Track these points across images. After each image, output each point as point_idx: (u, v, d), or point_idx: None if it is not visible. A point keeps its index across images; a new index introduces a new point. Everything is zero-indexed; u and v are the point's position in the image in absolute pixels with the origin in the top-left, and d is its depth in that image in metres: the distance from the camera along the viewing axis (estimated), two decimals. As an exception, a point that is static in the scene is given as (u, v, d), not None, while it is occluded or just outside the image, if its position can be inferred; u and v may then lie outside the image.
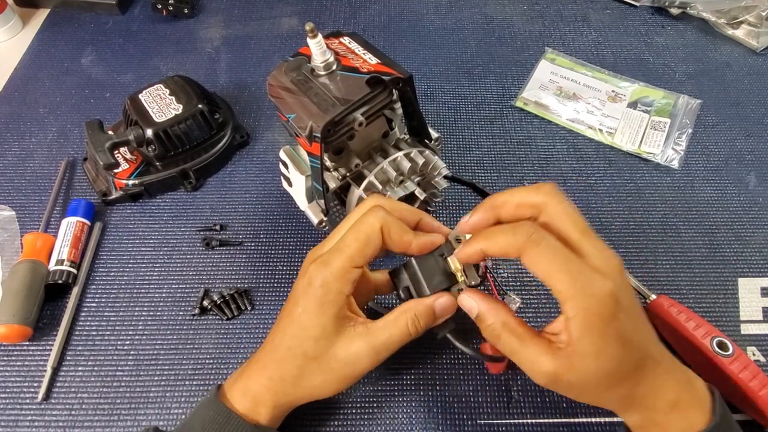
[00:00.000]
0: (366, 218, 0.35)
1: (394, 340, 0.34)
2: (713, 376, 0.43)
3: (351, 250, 0.34)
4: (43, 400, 0.45)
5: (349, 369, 0.35)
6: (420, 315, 0.35)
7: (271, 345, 0.37)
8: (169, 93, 0.56)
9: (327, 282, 0.34)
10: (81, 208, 0.53)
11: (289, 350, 0.35)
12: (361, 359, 0.34)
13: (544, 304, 0.49)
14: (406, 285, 0.37)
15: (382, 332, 0.34)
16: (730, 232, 0.53)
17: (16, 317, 0.46)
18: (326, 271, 0.34)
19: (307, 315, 0.34)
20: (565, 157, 0.59)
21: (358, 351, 0.34)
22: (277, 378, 0.36)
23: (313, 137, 0.39)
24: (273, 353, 0.36)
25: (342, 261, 0.34)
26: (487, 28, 0.72)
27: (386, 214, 0.35)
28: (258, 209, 0.56)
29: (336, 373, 0.35)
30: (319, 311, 0.34)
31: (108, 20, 0.74)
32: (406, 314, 0.35)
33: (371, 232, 0.34)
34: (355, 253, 0.34)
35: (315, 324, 0.34)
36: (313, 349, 0.34)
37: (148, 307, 0.49)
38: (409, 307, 0.35)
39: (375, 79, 0.39)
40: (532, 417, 0.43)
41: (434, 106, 0.63)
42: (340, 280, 0.34)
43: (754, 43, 0.67)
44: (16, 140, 0.62)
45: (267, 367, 0.36)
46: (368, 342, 0.34)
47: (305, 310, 0.34)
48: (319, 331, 0.34)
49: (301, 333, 0.34)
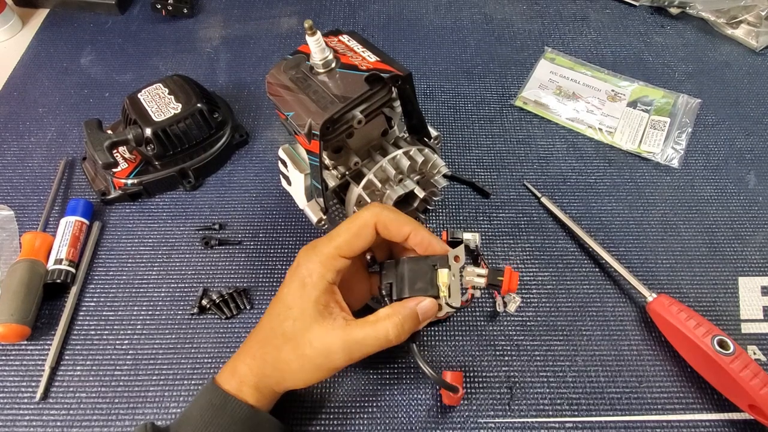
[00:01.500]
0: (361, 213, 0.36)
1: (369, 343, 0.34)
2: (714, 374, 0.42)
3: (340, 240, 0.35)
4: (41, 399, 0.44)
5: (321, 360, 0.34)
6: (405, 319, 0.34)
7: (258, 326, 0.38)
8: (168, 92, 0.55)
9: (311, 265, 0.35)
10: (80, 207, 0.53)
11: (272, 330, 0.36)
12: (334, 353, 0.34)
13: (544, 303, 0.49)
14: (390, 281, 0.37)
15: (359, 331, 0.34)
16: (730, 231, 0.53)
17: (14, 316, 0.46)
18: (312, 254, 0.35)
19: (290, 295, 0.35)
20: (564, 156, 0.59)
21: (332, 343, 0.34)
22: (259, 357, 0.36)
23: (312, 135, 0.39)
24: (258, 333, 0.37)
25: (329, 248, 0.35)
26: (487, 27, 0.72)
27: (383, 209, 0.36)
28: (257, 208, 0.55)
29: (309, 362, 0.34)
30: (300, 292, 0.35)
31: (107, 20, 0.74)
32: (389, 319, 0.34)
33: (363, 225, 0.35)
34: (343, 242, 0.35)
35: (296, 304, 0.35)
36: (291, 329, 0.35)
37: (146, 307, 0.49)
38: (394, 311, 0.35)
39: (374, 76, 0.39)
40: (533, 416, 0.43)
41: (434, 106, 0.63)
42: (324, 265, 0.35)
43: (754, 42, 0.67)
44: (15, 140, 0.61)
45: (252, 347, 0.37)
46: (342, 338, 0.34)
47: (289, 290, 0.36)
48: (299, 312, 0.35)
49: (284, 312, 0.35)
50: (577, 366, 0.45)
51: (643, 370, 0.45)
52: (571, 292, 0.49)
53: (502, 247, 0.52)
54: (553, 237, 0.53)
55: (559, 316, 0.48)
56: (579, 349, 0.46)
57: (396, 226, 0.36)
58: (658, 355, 0.46)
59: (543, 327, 0.47)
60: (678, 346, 0.45)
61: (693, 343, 0.42)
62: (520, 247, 0.52)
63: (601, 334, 0.47)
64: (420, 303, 0.35)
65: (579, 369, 0.45)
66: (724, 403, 0.43)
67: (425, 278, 0.36)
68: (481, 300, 0.49)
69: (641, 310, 0.48)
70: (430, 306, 0.36)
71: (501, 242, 0.52)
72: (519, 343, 0.47)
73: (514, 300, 0.47)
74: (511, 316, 0.48)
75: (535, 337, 0.47)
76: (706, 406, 0.43)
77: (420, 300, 0.35)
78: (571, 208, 0.54)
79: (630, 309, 0.48)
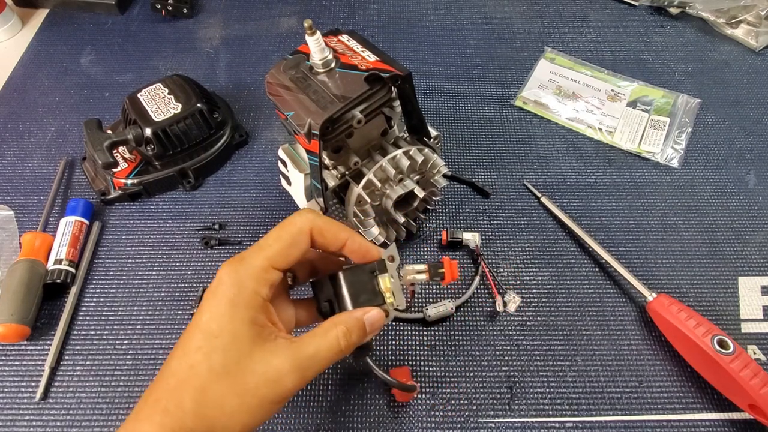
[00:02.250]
0: (292, 219, 0.32)
1: (323, 356, 0.30)
2: (714, 374, 0.42)
3: (272, 250, 0.30)
4: (41, 399, 0.45)
5: (268, 389, 0.28)
6: (351, 329, 0.31)
7: (167, 371, 0.29)
8: (168, 92, 0.55)
9: (241, 280, 0.29)
10: (80, 207, 0.53)
11: (191, 368, 0.28)
12: (284, 377, 0.28)
13: (544, 303, 0.49)
14: (329, 299, 0.34)
15: (309, 346, 0.30)
16: (730, 230, 0.53)
17: (14, 316, 0.46)
18: (240, 268, 0.30)
19: (216, 320, 0.29)
20: (564, 156, 0.59)
21: (280, 367, 0.28)
22: (173, 409, 0.27)
23: (311, 135, 0.39)
24: (168, 380, 0.28)
25: (260, 259, 0.30)
26: (487, 27, 0.72)
27: (316, 215, 0.32)
28: (257, 208, 0.55)
29: (252, 396, 0.28)
30: (230, 313, 0.29)
31: (107, 20, 0.74)
32: (336, 327, 0.31)
33: (297, 233, 0.31)
34: (276, 252, 0.30)
35: (226, 330, 0.28)
36: (221, 362, 0.28)
37: (146, 307, 0.49)
38: (339, 320, 0.31)
39: (374, 76, 0.39)
40: (533, 416, 0.43)
41: (434, 106, 0.63)
42: (256, 279, 0.30)
43: (753, 42, 0.67)
44: (15, 140, 0.61)
45: (160, 399, 0.28)
46: (291, 356, 0.29)
47: (213, 315, 0.29)
48: (230, 338, 0.28)
49: (207, 344, 0.28)
50: (577, 366, 0.45)
51: (643, 369, 0.45)
52: (571, 291, 0.49)
53: (502, 247, 0.52)
54: (553, 237, 0.53)
55: (559, 315, 0.48)
56: (579, 348, 0.46)
57: (332, 233, 0.32)
58: (658, 354, 0.46)
59: (543, 327, 0.47)
60: (678, 346, 0.45)
61: (693, 342, 0.42)
62: (520, 247, 0.52)
63: (601, 334, 0.47)
64: (367, 314, 0.32)
65: (579, 369, 0.45)
66: (724, 402, 0.43)
67: (366, 288, 0.34)
68: (480, 300, 0.49)
69: (641, 310, 0.48)
70: (377, 317, 0.33)
71: (501, 242, 0.52)
72: (519, 343, 0.47)
73: (514, 300, 0.47)
74: (511, 315, 0.48)
75: (535, 337, 0.47)
76: (706, 405, 0.43)
77: (366, 311, 0.33)
78: (571, 207, 0.54)
79: (630, 309, 0.48)
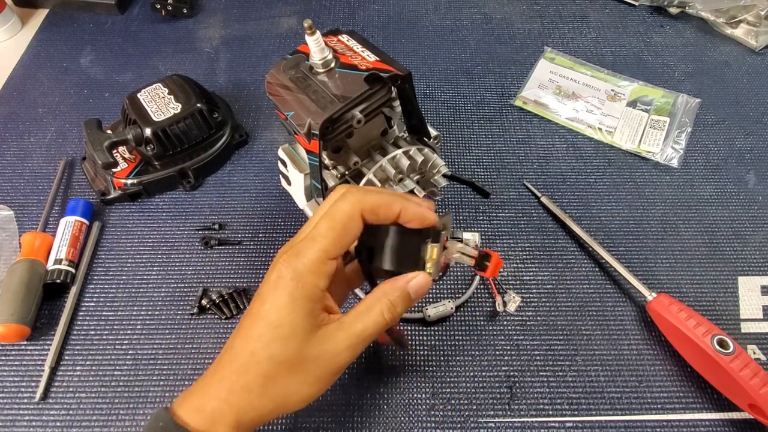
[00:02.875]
0: (340, 205, 0.31)
1: (370, 332, 0.32)
2: (713, 374, 0.42)
3: (326, 241, 0.31)
4: (41, 399, 0.44)
5: (324, 369, 0.31)
6: (395, 301, 0.32)
7: (230, 353, 0.32)
8: (168, 92, 0.55)
9: (300, 274, 0.30)
10: (79, 207, 0.53)
11: (253, 355, 0.30)
12: (337, 356, 0.31)
13: (544, 303, 0.49)
14: (371, 246, 0.33)
15: (357, 324, 0.32)
16: (730, 230, 0.53)
17: (14, 316, 0.46)
18: (297, 262, 0.31)
19: (276, 312, 0.30)
20: (564, 156, 0.59)
21: (333, 349, 0.31)
22: (239, 390, 0.30)
23: (311, 135, 0.39)
24: (233, 362, 0.31)
25: (316, 252, 0.31)
26: (486, 27, 0.72)
27: (363, 194, 0.32)
28: (257, 208, 0.55)
29: (310, 375, 0.31)
30: (291, 307, 0.30)
31: (107, 20, 0.74)
32: (380, 302, 0.32)
33: (347, 220, 0.31)
34: (330, 244, 0.31)
35: (286, 321, 0.30)
36: (281, 351, 0.30)
37: (146, 307, 0.49)
38: (383, 293, 0.32)
39: (373, 76, 0.39)
40: (533, 416, 0.43)
41: (433, 105, 0.63)
42: (315, 274, 0.31)
43: (753, 42, 0.67)
44: (15, 140, 0.61)
45: (226, 378, 0.31)
46: (343, 338, 0.31)
47: (274, 306, 0.30)
48: (289, 329, 0.30)
49: (268, 332, 0.30)
50: (576, 365, 0.45)
51: (643, 369, 0.45)
52: (571, 291, 0.49)
53: (502, 246, 0.52)
54: (553, 237, 0.53)
55: (559, 315, 0.48)
56: (579, 348, 0.46)
57: (383, 210, 0.32)
58: (657, 354, 0.46)
59: (543, 326, 0.47)
60: (678, 346, 0.45)
61: (693, 342, 0.42)
62: (520, 246, 0.52)
63: (601, 334, 0.47)
64: (412, 280, 0.32)
65: (579, 368, 0.45)
66: (724, 402, 0.43)
67: (410, 251, 0.33)
68: (480, 300, 0.49)
69: (641, 310, 0.48)
70: (422, 282, 0.32)
71: (501, 242, 0.52)
72: (519, 343, 0.47)
73: (514, 300, 0.47)
74: (511, 315, 0.48)
75: (535, 337, 0.47)
76: (706, 405, 0.43)
77: (409, 278, 0.32)
78: (571, 207, 0.54)
79: (630, 308, 0.48)
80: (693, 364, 0.44)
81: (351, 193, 0.32)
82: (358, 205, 0.31)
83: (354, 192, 0.32)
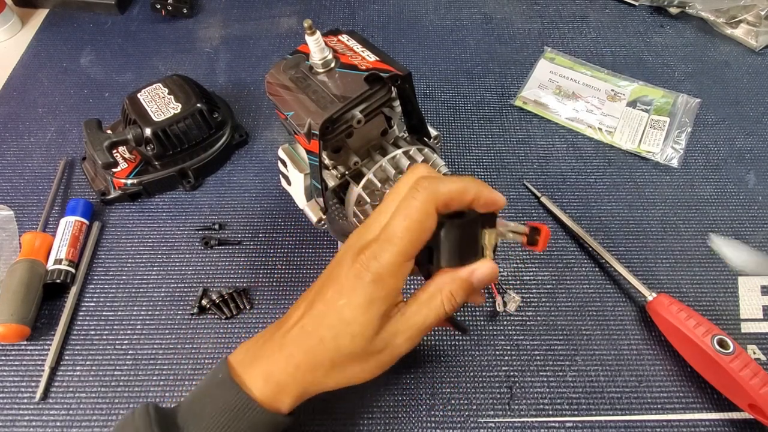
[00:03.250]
0: (413, 202, 0.31)
1: (429, 323, 0.32)
2: (713, 374, 0.42)
3: (404, 243, 0.31)
4: (40, 399, 0.45)
5: (386, 358, 0.33)
6: (455, 292, 0.32)
7: (300, 331, 0.33)
8: (168, 92, 0.55)
9: (381, 278, 0.31)
10: (79, 207, 0.53)
11: (322, 342, 0.32)
12: (398, 346, 0.32)
13: (544, 303, 0.49)
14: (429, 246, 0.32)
15: (417, 316, 0.32)
16: (730, 230, 0.53)
17: (14, 316, 0.46)
18: (377, 265, 0.31)
19: (352, 310, 0.31)
20: (564, 156, 0.59)
21: (395, 340, 0.32)
22: (306, 368, 0.32)
23: (311, 135, 0.39)
24: (301, 340, 0.33)
25: (395, 255, 0.31)
26: (487, 27, 0.72)
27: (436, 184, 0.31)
28: (257, 208, 0.55)
29: (371, 364, 0.33)
30: (367, 308, 0.31)
31: (107, 20, 0.74)
32: (440, 293, 0.32)
33: (424, 219, 0.30)
34: (408, 244, 0.31)
35: (359, 321, 0.31)
36: (348, 346, 0.32)
37: (146, 307, 0.49)
38: (443, 283, 0.32)
39: (373, 76, 0.39)
40: (533, 416, 0.43)
41: (433, 105, 0.63)
42: (394, 276, 0.31)
43: (753, 42, 0.67)
44: (15, 140, 0.61)
45: (294, 354, 0.32)
46: (404, 328, 0.32)
47: (350, 303, 0.31)
48: (361, 329, 0.31)
49: (339, 326, 0.31)
50: (576, 365, 0.45)
51: (643, 369, 0.45)
52: (571, 291, 0.49)
53: (501, 246, 0.52)
54: (553, 237, 0.53)
55: (559, 315, 0.48)
56: (579, 348, 0.46)
57: (457, 200, 0.31)
58: (657, 354, 0.46)
59: (543, 326, 0.47)
60: (678, 346, 0.45)
61: (693, 342, 0.42)
62: (519, 246, 0.52)
63: (601, 334, 0.47)
64: (476, 271, 0.32)
65: (579, 368, 0.45)
66: (724, 402, 0.43)
67: (468, 242, 0.32)
68: (480, 300, 0.49)
69: (641, 310, 0.48)
70: (489, 271, 0.32)
71: (501, 242, 0.52)
72: (519, 343, 0.47)
73: (514, 299, 0.47)
74: (511, 315, 0.48)
75: (535, 337, 0.47)
76: (706, 405, 0.43)
77: (472, 270, 0.32)
78: (571, 207, 0.54)
79: (630, 308, 0.48)
80: (693, 364, 0.44)
81: (424, 187, 0.31)
82: (432, 200, 0.30)
83: (427, 184, 0.31)
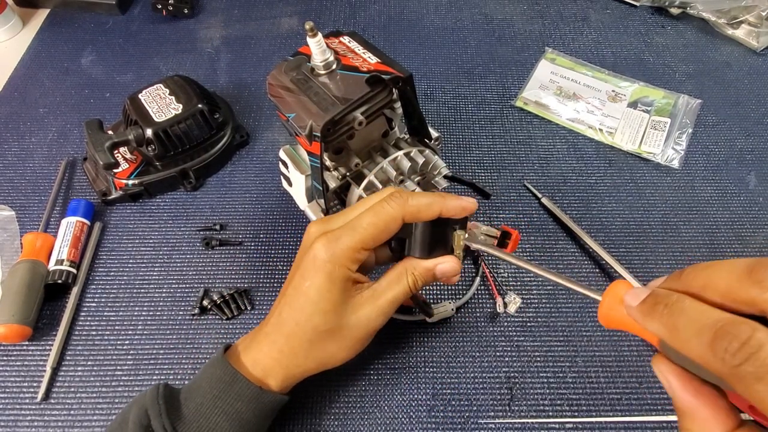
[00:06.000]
0: (387, 206, 0.35)
1: (399, 299, 0.36)
2: (714, 375, 0.42)
3: (366, 233, 0.34)
4: (42, 399, 0.45)
5: (361, 332, 0.36)
6: (419, 277, 0.36)
7: (278, 318, 0.37)
8: (169, 93, 0.55)
9: (336, 258, 0.34)
10: (81, 207, 0.53)
11: (298, 325, 0.35)
12: (372, 321, 0.36)
13: (544, 304, 0.49)
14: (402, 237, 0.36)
15: (388, 292, 0.36)
16: (731, 231, 0.53)
17: (15, 317, 0.46)
18: (335, 247, 0.34)
19: (316, 290, 0.35)
20: (565, 156, 0.59)
21: (368, 315, 0.36)
22: (287, 352, 0.36)
23: (313, 136, 0.39)
24: (281, 327, 0.36)
25: (354, 241, 0.34)
26: (487, 27, 0.72)
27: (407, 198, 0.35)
28: (258, 209, 0.56)
29: (348, 339, 0.36)
30: (327, 286, 0.34)
31: (108, 20, 0.74)
32: (408, 274, 0.36)
33: (390, 222, 0.35)
34: (369, 237, 0.34)
35: (326, 298, 0.35)
36: (323, 323, 0.35)
37: (147, 307, 0.49)
38: (411, 267, 0.36)
39: (375, 78, 0.39)
40: (533, 417, 0.43)
41: (434, 106, 0.63)
42: (350, 259, 0.35)
43: (754, 43, 0.67)
44: (16, 140, 0.62)
45: (276, 341, 0.36)
46: (376, 304, 0.36)
47: (313, 284, 0.35)
48: (328, 305, 0.35)
49: (309, 306, 0.35)
50: (577, 366, 0.45)
51: (643, 370, 0.45)
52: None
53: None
54: (554, 237, 0.53)
55: (559, 316, 0.48)
56: (579, 349, 0.46)
57: (426, 212, 0.35)
58: (658, 355, 0.46)
59: (543, 328, 0.47)
60: (678, 347, 0.45)
61: (693, 344, 0.42)
62: (520, 247, 0.52)
63: (601, 335, 0.47)
64: (439, 265, 0.36)
65: (579, 369, 0.45)
66: (724, 403, 0.43)
67: (439, 238, 0.36)
68: (481, 301, 0.49)
69: (641, 311, 0.48)
70: (451, 267, 0.36)
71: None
72: (519, 344, 0.47)
73: (515, 301, 0.47)
74: (511, 316, 0.48)
75: (535, 338, 0.47)
76: (706, 406, 0.43)
77: (438, 262, 0.36)
78: (572, 208, 0.54)
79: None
80: (693, 365, 0.44)
81: (396, 198, 0.35)
82: (401, 211, 0.35)
83: (399, 196, 0.35)
